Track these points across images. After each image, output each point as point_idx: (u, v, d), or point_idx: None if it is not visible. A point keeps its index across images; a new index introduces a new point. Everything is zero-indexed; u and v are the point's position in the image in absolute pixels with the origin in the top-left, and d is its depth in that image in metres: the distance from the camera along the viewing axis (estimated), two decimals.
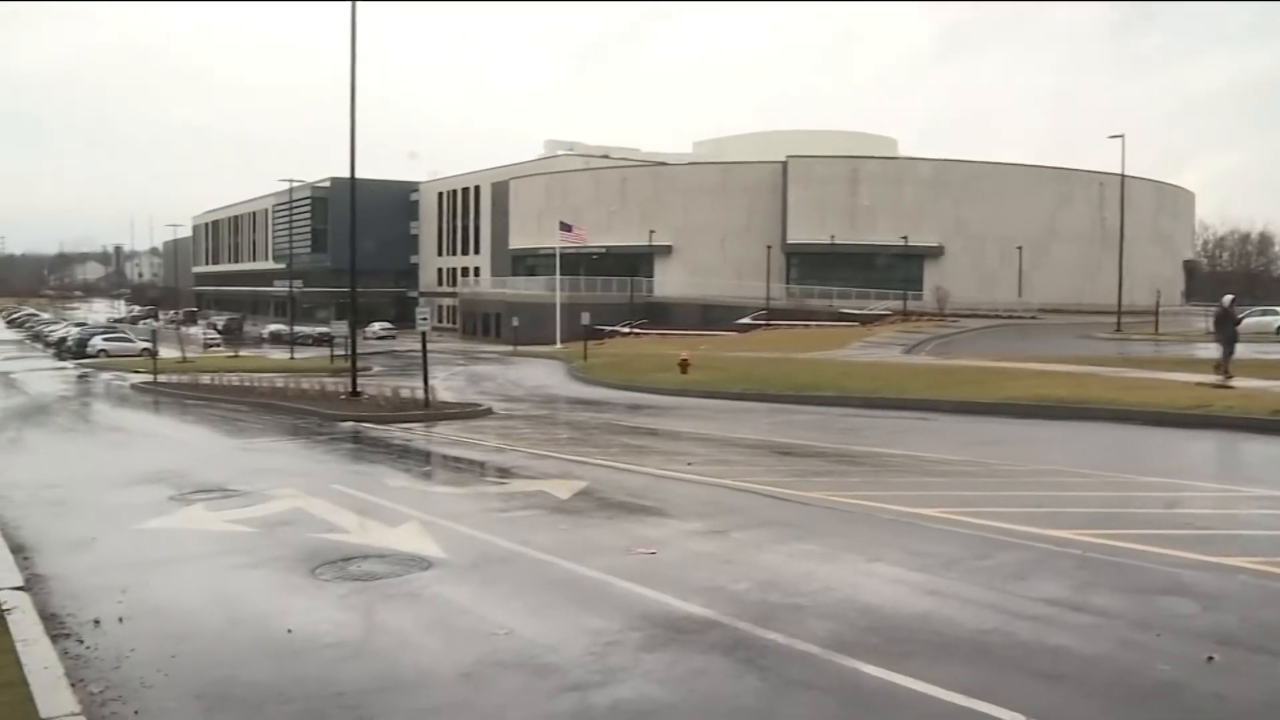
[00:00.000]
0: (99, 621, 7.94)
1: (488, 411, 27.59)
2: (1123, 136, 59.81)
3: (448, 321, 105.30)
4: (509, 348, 67.96)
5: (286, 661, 7.06)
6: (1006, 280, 77.98)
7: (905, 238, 75.89)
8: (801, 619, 7.72)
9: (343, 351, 46.82)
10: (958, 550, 9.85)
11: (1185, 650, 6.88)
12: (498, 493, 14.52)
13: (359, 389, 30.43)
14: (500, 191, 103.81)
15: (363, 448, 21.00)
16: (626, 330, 73.71)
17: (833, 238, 79.61)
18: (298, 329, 78.32)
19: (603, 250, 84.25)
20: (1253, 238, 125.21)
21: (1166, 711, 6.04)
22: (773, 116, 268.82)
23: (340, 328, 50.30)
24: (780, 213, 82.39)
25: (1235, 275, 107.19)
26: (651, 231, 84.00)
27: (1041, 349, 42.74)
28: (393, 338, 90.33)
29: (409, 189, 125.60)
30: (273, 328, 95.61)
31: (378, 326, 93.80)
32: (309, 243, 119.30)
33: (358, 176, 31.42)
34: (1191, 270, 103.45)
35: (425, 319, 30.45)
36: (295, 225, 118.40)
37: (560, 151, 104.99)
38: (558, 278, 76.15)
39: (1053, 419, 21.94)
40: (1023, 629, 7.41)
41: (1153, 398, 22.46)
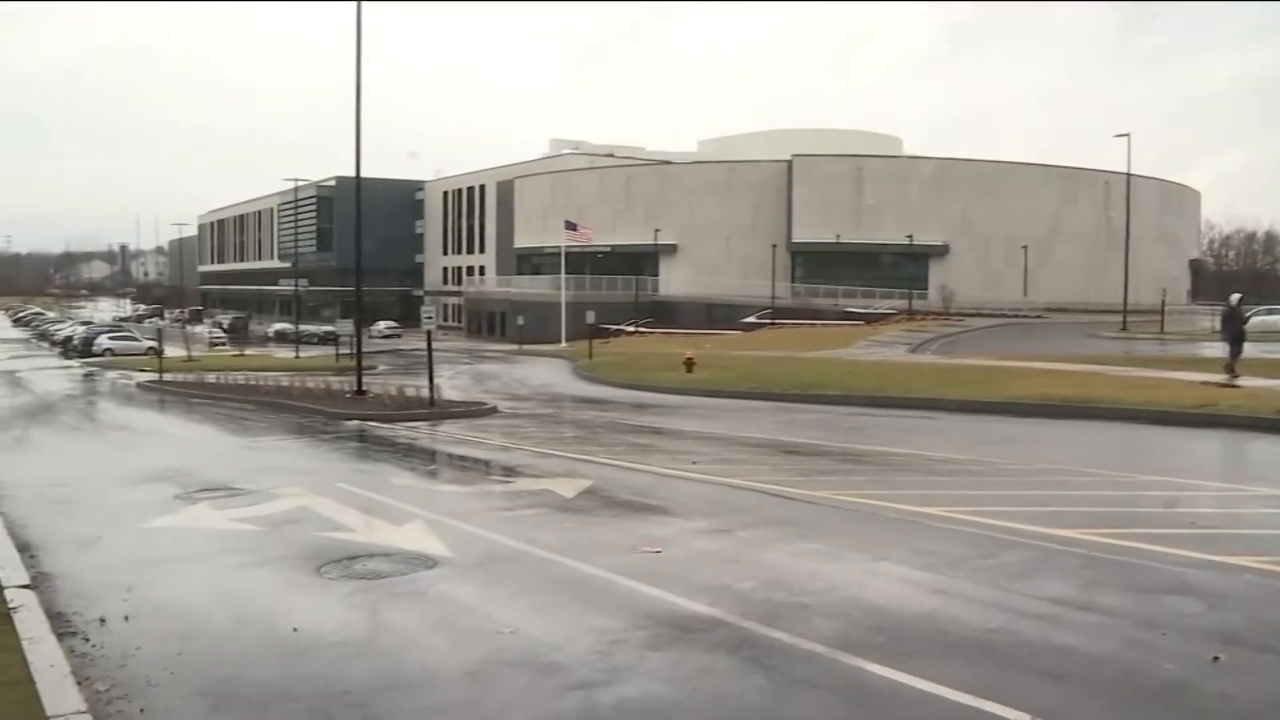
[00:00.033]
0: (105, 620, 7.95)
1: (493, 410, 27.58)
2: (1128, 135, 59.62)
3: (453, 320, 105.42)
4: (514, 346, 68.00)
5: (292, 660, 7.06)
6: (1012, 279, 77.93)
7: (910, 237, 75.86)
8: (807, 618, 7.71)
9: (348, 350, 46.88)
10: (963, 549, 9.84)
11: (1191, 650, 6.87)
12: (503, 491, 14.52)
13: (364, 388, 30.45)
14: (505, 190, 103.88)
15: (368, 446, 21.01)
16: (631, 329, 73.75)
17: (838, 237, 79.59)
18: (303, 328, 78.39)
19: (608, 249, 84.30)
20: (1259, 237, 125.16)
21: (1172, 711, 6.03)
22: (777, 116, 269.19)
23: (346, 327, 50.41)
24: (785, 211, 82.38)
25: (1241, 274, 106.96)
26: (656, 230, 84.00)
27: (1047, 348, 42.71)
28: (398, 336, 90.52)
29: (414, 188, 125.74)
30: (278, 326, 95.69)
31: (383, 325, 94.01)
32: (314, 241, 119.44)
33: (363, 175, 31.42)
34: (1197, 269, 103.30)
35: (430, 318, 30.48)
36: (300, 224, 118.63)
37: (565, 150, 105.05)
38: (563, 276, 76.18)
39: (1058, 418, 21.90)
40: (1028, 628, 7.40)
41: (1158, 397, 22.43)
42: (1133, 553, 9.47)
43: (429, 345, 30.00)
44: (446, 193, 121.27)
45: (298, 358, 60.45)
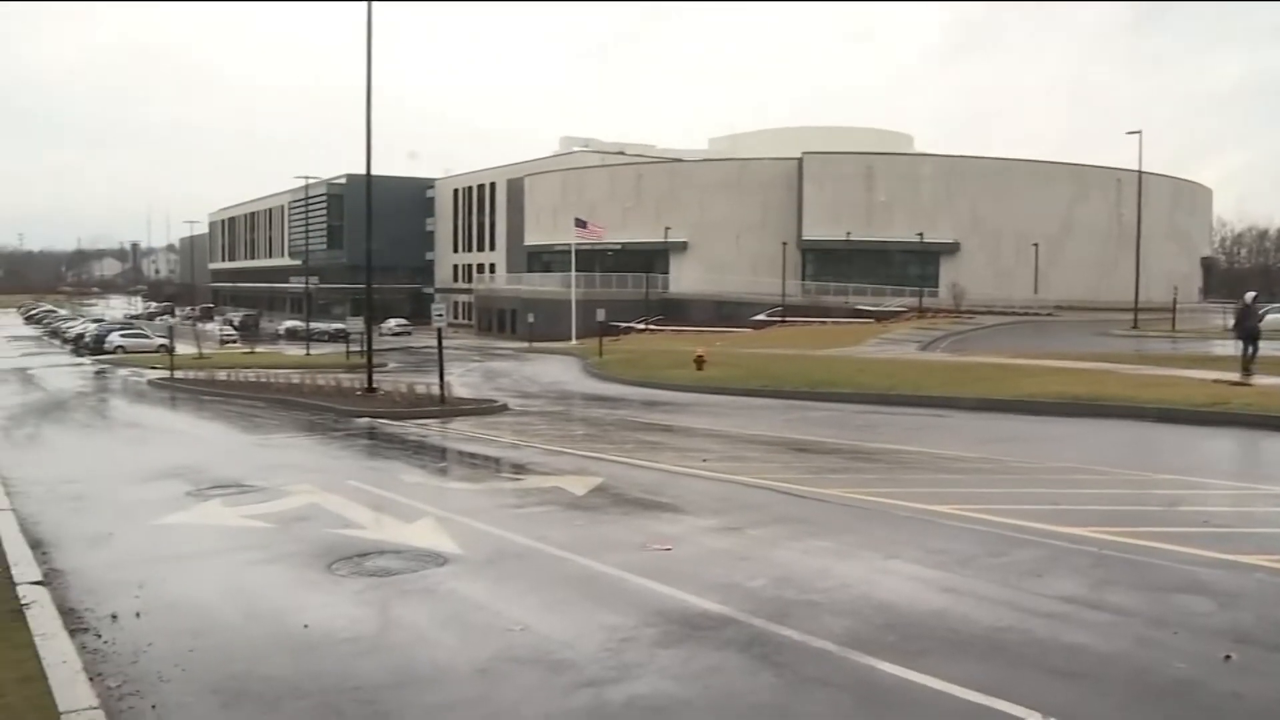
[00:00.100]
0: (116, 616, 7.98)
1: (503, 408, 27.60)
2: (1140, 133, 59.41)
3: (463, 318, 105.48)
4: (524, 344, 68.01)
5: (303, 656, 7.08)
6: (1023, 277, 77.69)
7: (921, 234, 75.72)
8: (817, 616, 7.71)
9: (358, 347, 46.95)
10: (974, 547, 9.83)
11: (1202, 648, 6.85)
12: (513, 489, 14.54)
13: (375, 385, 30.49)
14: (516, 188, 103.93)
15: (378, 444, 21.04)
16: (642, 327, 73.74)
17: (848, 234, 79.43)
18: (314, 325, 78.47)
19: (618, 246, 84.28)
20: (1271, 234, 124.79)
21: (1184, 710, 6.02)
22: (788, 114, 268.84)
23: (356, 324, 50.50)
24: (796, 209, 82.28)
25: (1253, 272, 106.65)
26: (667, 228, 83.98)
27: (1058, 346, 42.60)
28: (408, 334, 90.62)
29: (425, 186, 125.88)
30: (289, 324, 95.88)
31: (393, 323, 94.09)
32: (325, 239, 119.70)
33: (374, 173, 31.47)
34: (1209, 267, 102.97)
35: (441, 315, 30.47)
36: (311, 222, 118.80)
37: (576, 148, 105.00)
38: (573, 274, 76.17)
39: (1069, 416, 21.86)
40: (1039, 626, 7.39)
41: (1170, 395, 22.36)
42: (1144, 551, 9.45)
43: (439, 343, 30.01)
44: (457, 190, 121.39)
45: (308, 355, 60.50)
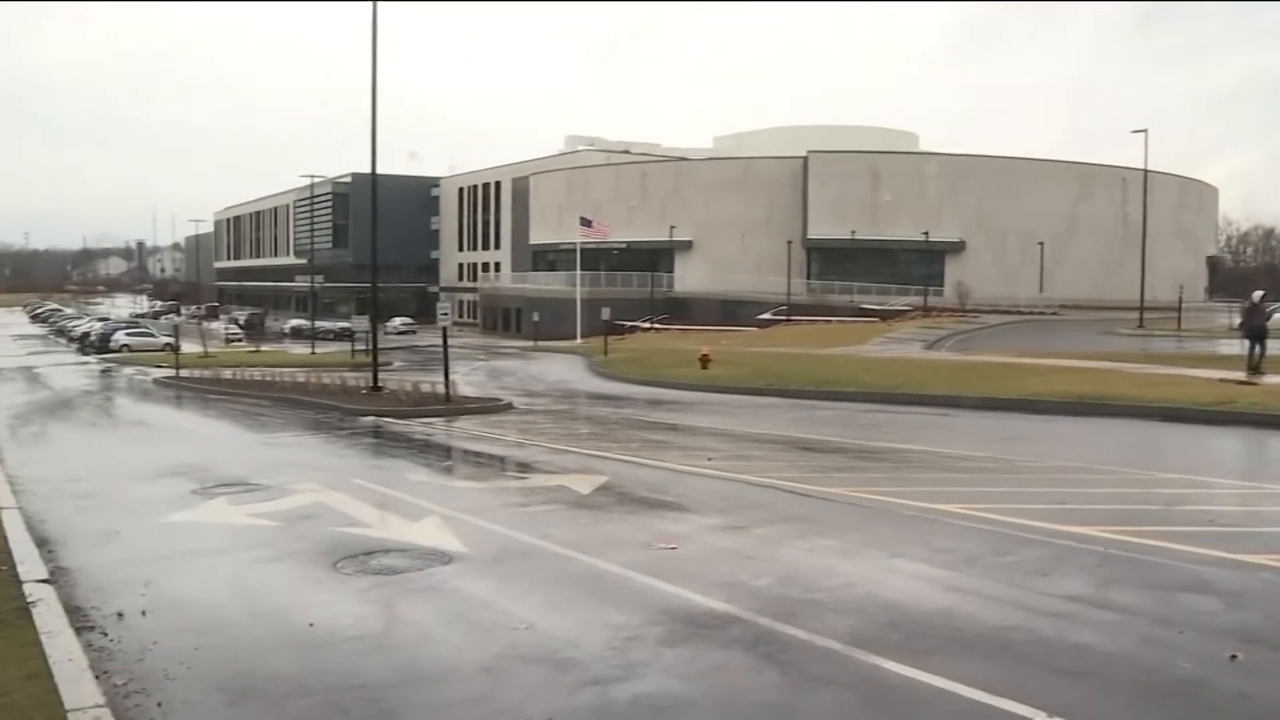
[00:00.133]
0: (122, 614, 7.99)
1: (508, 406, 27.62)
2: (1145, 131, 59.20)
3: (468, 317, 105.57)
4: (529, 343, 68.03)
5: (308, 655, 7.08)
6: (1028, 276, 77.57)
7: (926, 233, 75.60)
8: (822, 615, 7.71)
9: (364, 346, 47.01)
10: (979, 546, 9.82)
11: (1208, 648, 6.84)
12: (518, 487, 14.55)
13: (380, 384, 30.52)
14: (521, 187, 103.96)
15: (384, 442, 21.06)
16: (647, 325, 73.77)
17: (853, 233, 79.39)
18: (319, 324, 78.48)
19: (623, 245, 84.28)
20: (1277, 233, 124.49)
21: (1189, 709, 6.00)
22: (790, 113, 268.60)
23: (361, 323, 50.52)
24: (801, 208, 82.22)
25: (1259, 271, 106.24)
26: (672, 227, 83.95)
27: (1063, 345, 42.55)
28: (413, 333, 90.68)
29: (430, 184, 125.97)
30: (294, 323, 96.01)
31: (398, 322, 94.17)
32: (330, 238, 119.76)
33: (379, 172, 31.47)
34: (1215, 266, 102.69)
35: (446, 314, 30.50)
36: (316, 220, 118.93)
37: (581, 147, 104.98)
38: (578, 273, 76.19)
39: (1075, 415, 21.82)
40: (1044, 626, 7.38)
41: (1175, 394, 22.32)
42: (1149, 550, 9.43)
43: (444, 341, 30.04)
44: (462, 189, 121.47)
45: (313, 354, 60.59)
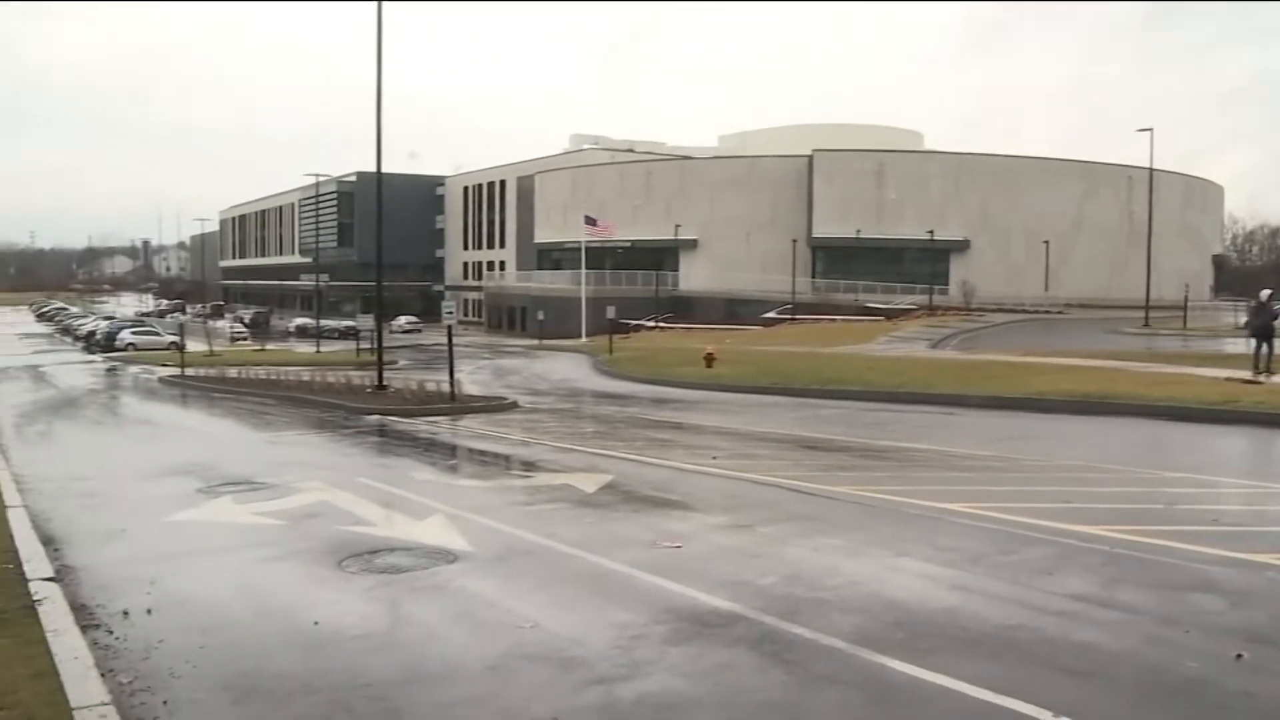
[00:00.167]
0: (128, 613, 8.00)
1: (513, 405, 27.64)
2: (1151, 130, 59.18)
3: (473, 315, 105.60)
4: (534, 341, 68.08)
5: (313, 653, 7.09)
6: (1033, 275, 77.47)
7: (931, 232, 75.54)
8: (827, 614, 7.70)
9: (369, 345, 47.01)
10: (984, 545, 9.81)
11: (1213, 647, 6.83)
12: (523, 486, 14.56)
13: (385, 382, 30.53)
14: (526, 186, 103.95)
15: (389, 441, 21.07)
16: (652, 324, 73.75)
17: (858, 232, 79.34)
18: (324, 322, 78.59)
19: (628, 244, 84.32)
20: None
21: (1195, 709, 6.00)
22: (795, 112, 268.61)
23: (366, 321, 50.58)
24: (806, 207, 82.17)
25: (1265, 269, 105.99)
26: (677, 225, 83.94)
27: (1068, 344, 42.51)
28: (418, 331, 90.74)
29: (435, 183, 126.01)
30: (299, 321, 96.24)
31: (404, 320, 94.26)
32: (335, 237, 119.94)
33: (384, 171, 31.49)
34: (1220, 265, 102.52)
35: (451, 313, 30.52)
36: (321, 219, 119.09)
37: (585, 146, 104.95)
38: (583, 271, 76.19)
39: (1080, 414, 21.81)
40: (1049, 625, 7.37)
41: (1181, 393, 22.30)
42: (1155, 549, 9.42)
43: (449, 340, 30.07)
44: (467, 188, 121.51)
45: (319, 352, 60.63)
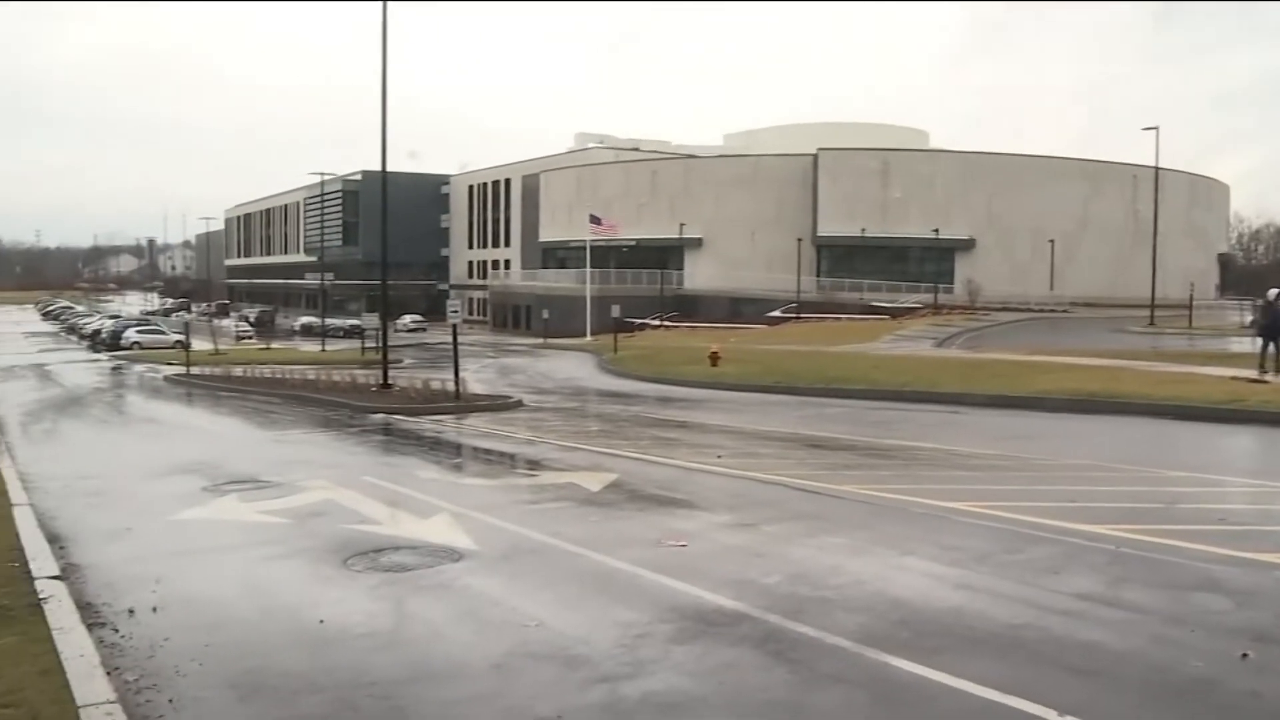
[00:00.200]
0: (133, 611, 8.01)
1: (518, 404, 27.65)
2: (1157, 129, 59.11)
3: (478, 314, 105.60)
4: (539, 340, 68.10)
5: (319, 651, 7.10)
6: (1038, 273, 77.36)
7: (936, 230, 75.45)
8: (832, 612, 7.70)
9: (374, 344, 47.06)
10: (989, 545, 9.80)
11: (1219, 647, 6.82)
12: (528, 485, 14.57)
13: (390, 381, 30.56)
14: (531, 184, 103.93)
15: (394, 439, 21.09)
16: (656, 323, 73.73)
17: (863, 230, 79.25)
18: (329, 321, 78.63)
19: (633, 243, 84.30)
20: None
21: (1201, 708, 5.99)
22: (802, 110, 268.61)
23: (371, 320, 50.60)
24: (811, 205, 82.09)
25: (1271, 268, 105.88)
26: (682, 224, 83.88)
27: (1074, 343, 42.42)
28: (423, 330, 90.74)
29: (440, 182, 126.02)
30: (304, 320, 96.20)
31: (408, 319, 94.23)
32: (340, 235, 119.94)
33: (389, 170, 31.51)
34: (1226, 263, 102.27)
35: (456, 311, 30.52)
36: (326, 218, 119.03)
37: (591, 144, 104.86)
38: (588, 270, 76.16)
39: (1085, 413, 21.78)
40: (1055, 624, 7.36)
41: (1186, 392, 22.27)
42: (1160, 549, 9.40)
43: (454, 339, 30.07)
44: (472, 187, 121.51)
45: (324, 351, 60.70)
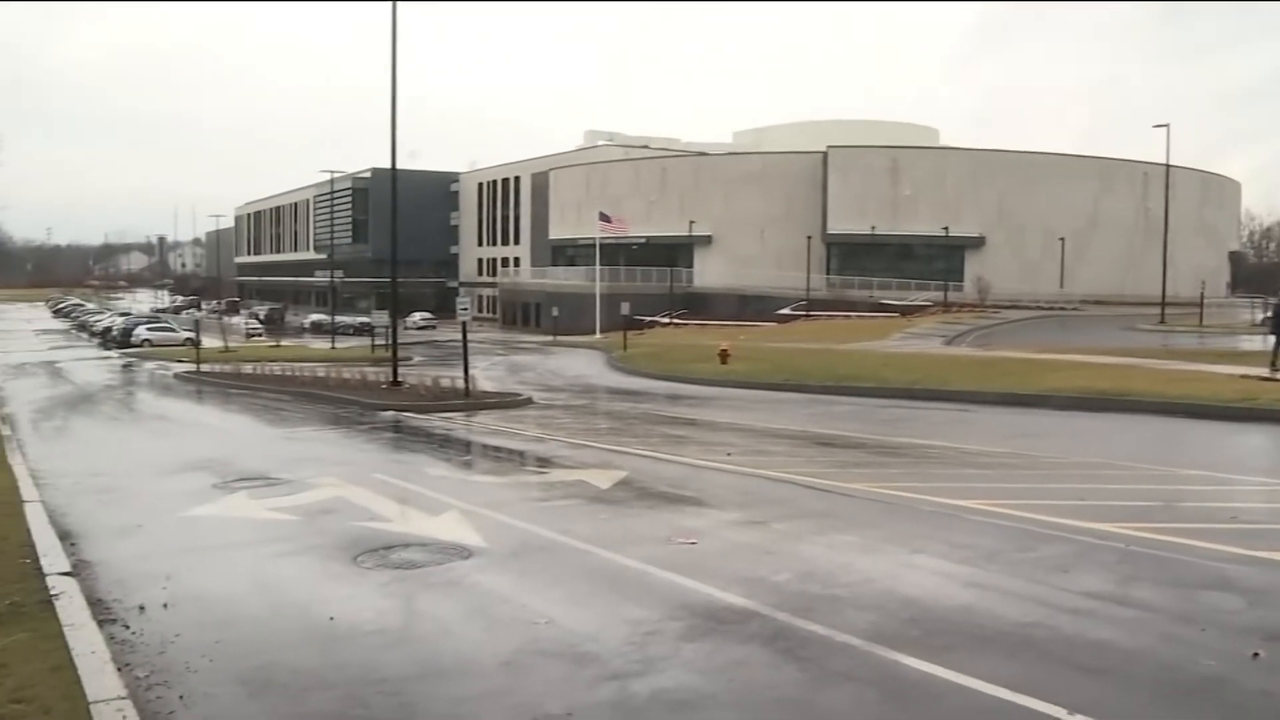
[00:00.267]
0: (144, 607, 8.03)
1: (528, 401, 27.65)
2: (1168, 126, 59.01)
3: (488, 311, 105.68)
4: (548, 338, 68.09)
5: (329, 648, 7.11)
6: (1048, 271, 77.25)
7: (946, 228, 75.37)
8: (841, 610, 7.69)
9: (383, 341, 47.09)
10: (999, 543, 9.78)
11: (1230, 646, 6.79)
12: (538, 482, 14.57)
13: (400, 378, 30.58)
14: (540, 182, 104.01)
15: (403, 437, 21.11)
16: (666, 320, 73.69)
17: (873, 228, 79.21)
18: (339, 319, 78.71)
19: (642, 240, 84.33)
20: None
21: (1211, 707, 5.97)
22: (810, 109, 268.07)
23: (381, 318, 50.67)
24: (820, 203, 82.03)
25: None
26: (691, 222, 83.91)
27: (1084, 341, 42.35)
28: (433, 328, 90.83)
29: (449, 179, 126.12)
30: (314, 317, 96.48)
31: (418, 316, 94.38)
32: (350, 233, 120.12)
33: (398, 167, 31.52)
34: (1237, 261, 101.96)
35: (466, 309, 30.56)
36: (336, 216, 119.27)
37: (600, 142, 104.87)
38: (597, 268, 76.19)
39: (1095, 411, 21.72)
40: (1065, 622, 7.35)
41: (1197, 390, 22.20)
42: (1171, 547, 9.38)
43: (464, 336, 30.09)
44: (481, 184, 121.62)
45: (333, 349, 60.75)
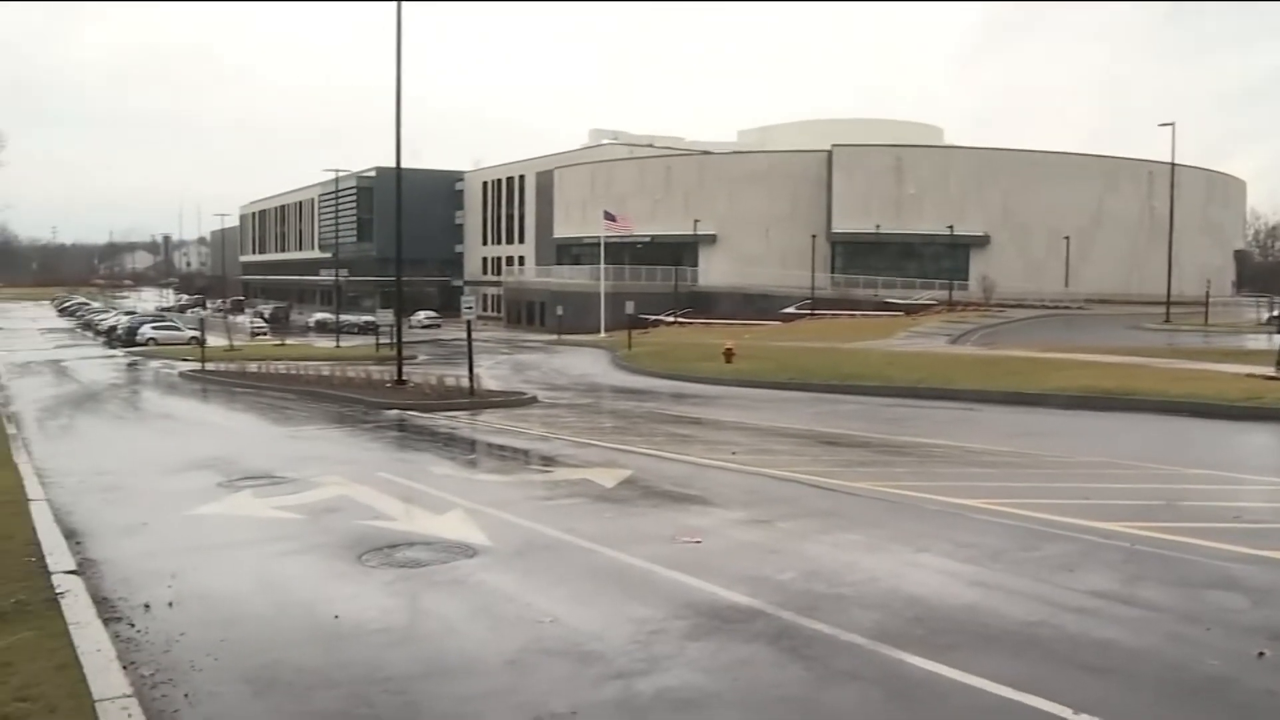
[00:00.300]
0: (149, 606, 8.04)
1: (532, 400, 27.66)
2: (1173, 124, 58.97)
3: (492, 310, 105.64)
4: (553, 336, 68.11)
5: (333, 647, 7.12)
6: (1053, 270, 77.10)
7: (951, 227, 75.23)
8: (846, 609, 7.69)
9: (388, 340, 47.13)
10: (1004, 542, 9.78)
11: (1235, 645, 6.79)
12: (542, 481, 14.57)
13: (404, 377, 30.59)
14: (545, 181, 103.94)
15: (408, 435, 21.12)
16: (671, 319, 73.65)
17: (878, 227, 79.09)
18: (343, 317, 78.82)
19: (647, 239, 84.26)
20: None
21: (1216, 707, 5.97)
22: (815, 107, 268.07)
23: (386, 316, 50.69)
24: (825, 202, 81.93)
25: None
26: (696, 220, 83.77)
27: (1089, 340, 42.30)
28: (438, 326, 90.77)
29: (454, 178, 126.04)
30: (319, 316, 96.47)
31: (423, 315, 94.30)
32: (354, 232, 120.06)
33: (403, 166, 31.54)
34: (1242, 260, 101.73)
35: (470, 308, 30.56)
36: (341, 215, 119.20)
37: (605, 140, 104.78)
38: (602, 267, 76.14)
39: (1100, 410, 21.71)
40: (1070, 621, 7.34)
41: (1202, 389, 22.18)
42: (1176, 546, 9.37)
43: (469, 335, 30.11)
44: (486, 183, 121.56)
45: (338, 347, 60.87)
